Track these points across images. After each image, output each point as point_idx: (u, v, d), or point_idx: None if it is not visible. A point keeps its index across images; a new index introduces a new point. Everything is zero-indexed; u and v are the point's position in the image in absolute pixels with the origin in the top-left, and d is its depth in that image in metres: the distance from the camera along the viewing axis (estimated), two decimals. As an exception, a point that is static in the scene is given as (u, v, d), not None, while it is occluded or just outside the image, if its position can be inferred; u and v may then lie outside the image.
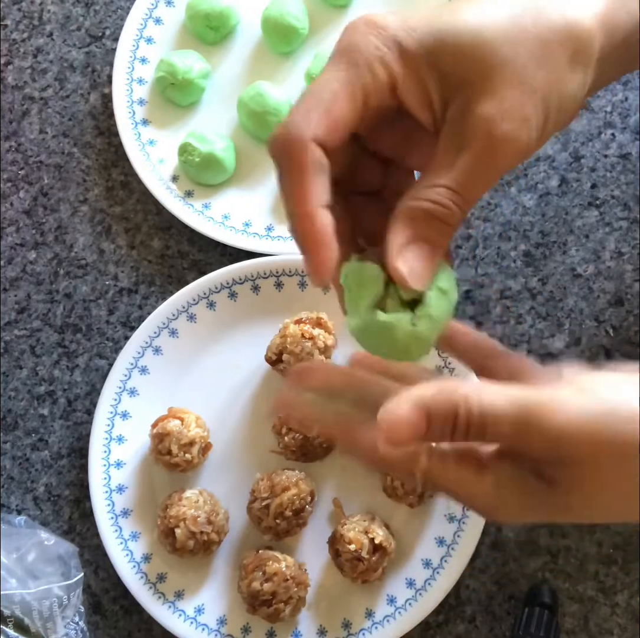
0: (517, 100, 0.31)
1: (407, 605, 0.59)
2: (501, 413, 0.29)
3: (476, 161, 0.31)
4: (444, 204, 0.31)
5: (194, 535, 0.58)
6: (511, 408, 0.29)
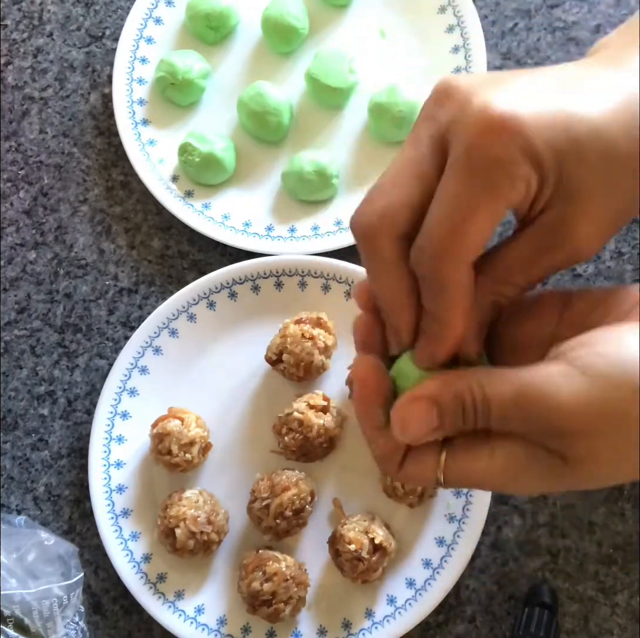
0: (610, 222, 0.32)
1: (407, 605, 0.59)
2: (502, 398, 0.30)
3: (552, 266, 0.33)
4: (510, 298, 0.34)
5: (194, 535, 0.58)
6: (511, 390, 0.30)
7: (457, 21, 0.67)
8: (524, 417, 0.30)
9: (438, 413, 0.32)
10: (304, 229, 0.66)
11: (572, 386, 0.29)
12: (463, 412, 0.31)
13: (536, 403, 0.29)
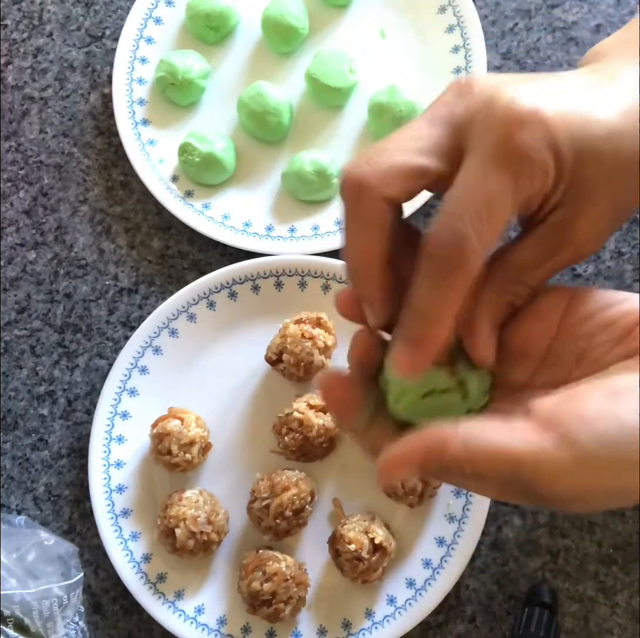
0: (609, 222, 0.33)
1: (407, 605, 0.59)
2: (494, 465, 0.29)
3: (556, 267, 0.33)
4: (524, 297, 0.33)
5: (194, 535, 0.58)
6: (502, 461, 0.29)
7: (457, 21, 0.67)
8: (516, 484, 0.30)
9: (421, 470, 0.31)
10: (304, 229, 0.66)
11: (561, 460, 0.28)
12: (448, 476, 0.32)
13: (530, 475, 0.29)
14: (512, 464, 0.29)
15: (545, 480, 0.29)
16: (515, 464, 0.29)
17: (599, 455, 0.28)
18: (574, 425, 0.28)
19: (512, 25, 0.68)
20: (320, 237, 0.65)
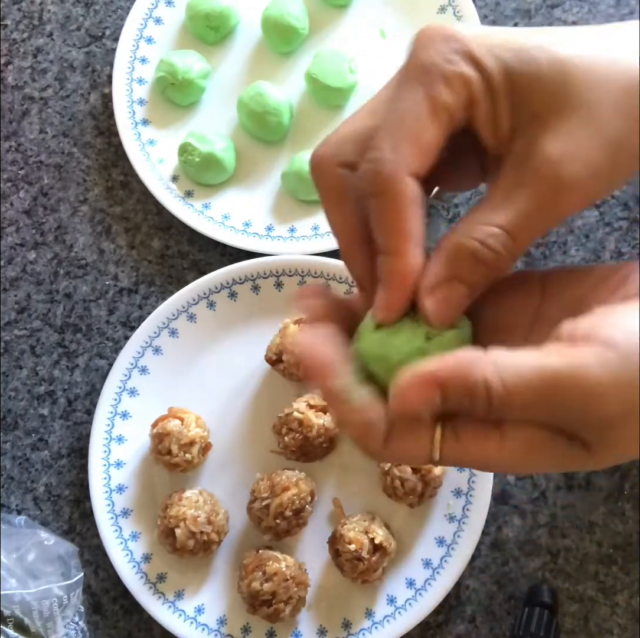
0: (588, 145, 0.29)
1: (407, 605, 0.59)
2: (528, 385, 0.27)
3: (537, 202, 0.29)
4: (492, 247, 0.29)
5: (194, 535, 0.58)
6: (538, 379, 0.27)
7: (457, 21, 0.67)
8: (554, 407, 0.27)
9: (442, 398, 0.28)
10: (304, 229, 0.66)
11: (608, 369, 0.26)
12: (472, 402, 0.27)
13: (571, 391, 0.26)
14: (552, 381, 0.26)
15: (595, 396, 0.26)
16: (556, 381, 0.26)
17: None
18: (620, 334, 0.26)
19: (512, 25, 0.68)
20: (320, 238, 0.65)
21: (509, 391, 0.27)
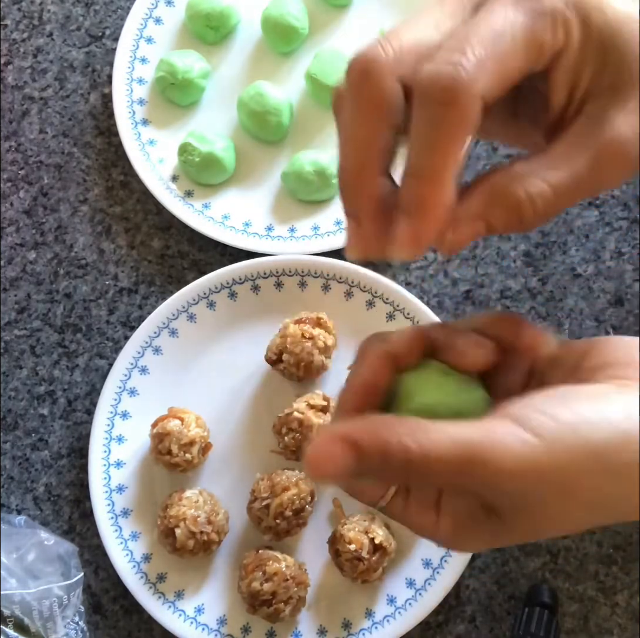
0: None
1: (407, 605, 0.59)
2: (444, 453, 0.26)
3: (595, 172, 0.28)
4: (537, 205, 0.28)
5: (194, 535, 0.58)
6: (454, 448, 0.26)
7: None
8: (468, 476, 0.27)
9: (358, 459, 0.27)
10: (304, 229, 0.66)
11: (523, 450, 0.26)
12: (388, 467, 0.27)
13: (484, 466, 0.26)
14: (466, 451, 0.26)
15: (503, 473, 0.26)
16: (469, 451, 0.26)
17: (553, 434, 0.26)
18: (546, 420, 0.26)
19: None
20: (320, 238, 0.65)
21: (425, 456, 0.26)
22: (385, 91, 0.27)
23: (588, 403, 0.27)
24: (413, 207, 0.27)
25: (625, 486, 0.27)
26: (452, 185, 0.27)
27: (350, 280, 0.63)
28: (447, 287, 0.65)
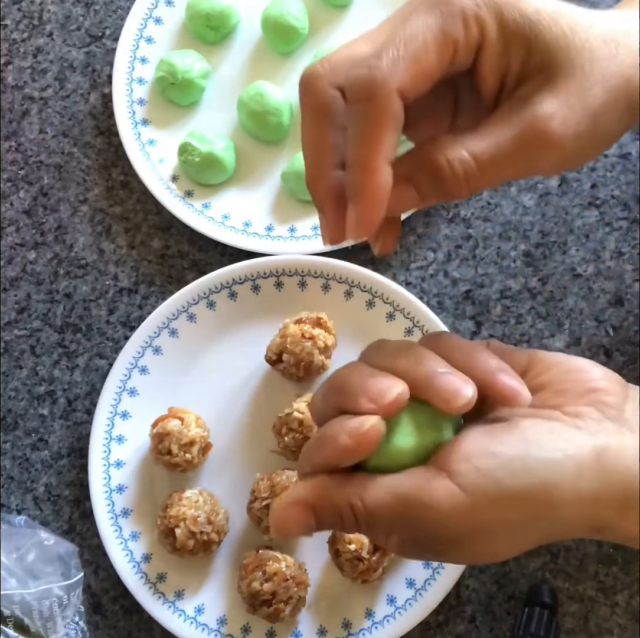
0: (576, 110, 0.30)
1: (407, 605, 0.59)
2: (383, 504, 0.31)
3: (517, 144, 0.30)
4: (456, 170, 0.30)
5: (194, 535, 0.58)
6: (391, 498, 0.31)
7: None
8: (405, 524, 0.31)
9: (315, 519, 0.32)
10: (304, 229, 0.66)
11: (450, 501, 0.30)
12: (342, 521, 0.32)
13: (416, 511, 0.30)
14: (401, 501, 0.30)
15: (435, 518, 0.30)
16: (404, 501, 0.30)
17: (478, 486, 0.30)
18: (456, 462, 0.30)
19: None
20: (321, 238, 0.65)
21: (368, 510, 0.31)
22: (322, 97, 0.32)
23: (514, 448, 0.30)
24: (353, 194, 0.31)
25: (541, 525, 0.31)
26: (386, 171, 0.30)
27: (350, 280, 0.63)
28: (447, 287, 0.65)
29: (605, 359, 0.63)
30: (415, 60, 0.30)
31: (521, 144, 0.30)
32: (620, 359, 0.63)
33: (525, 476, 0.29)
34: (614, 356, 0.63)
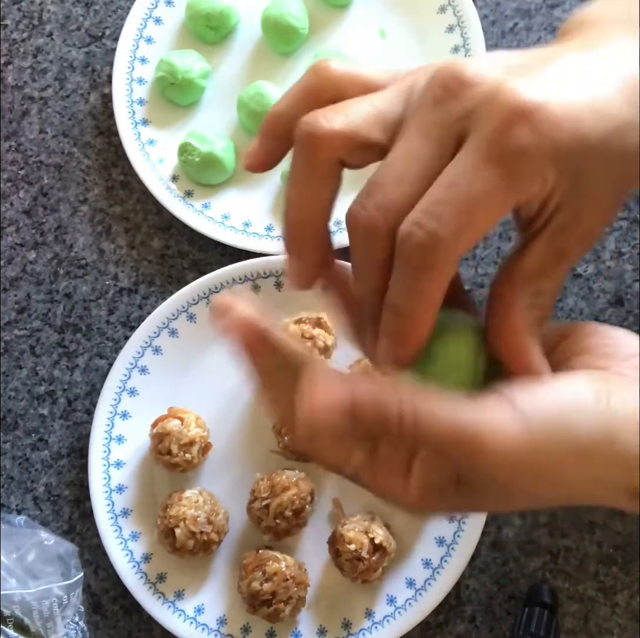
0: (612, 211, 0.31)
1: (407, 605, 0.59)
2: (437, 431, 0.27)
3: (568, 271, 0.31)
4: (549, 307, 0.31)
5: (194, 535, 0.58)
6: (448, 428, 0.27)
7: (457, 21, 0.67)
8: (455, 456, 0.28)
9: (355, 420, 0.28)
10: (304, 229, 0.66)
11: (512, 436, 0.27)
12: (384, 429, 0.27)
13: (477, 451, 0.27)
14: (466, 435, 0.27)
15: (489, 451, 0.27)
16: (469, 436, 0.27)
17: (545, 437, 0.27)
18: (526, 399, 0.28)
19: (512, 25, 0.68)
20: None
21: (419, 426, 0.27)
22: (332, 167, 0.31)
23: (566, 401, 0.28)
24: (393, 337, 0.30)
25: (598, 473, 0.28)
26: (431, 321, 0.30)
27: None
28: (447, 287, 0.65)
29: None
30: (480, 231, 0.28)
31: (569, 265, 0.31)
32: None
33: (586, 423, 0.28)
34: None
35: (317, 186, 0.32)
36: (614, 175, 0.30)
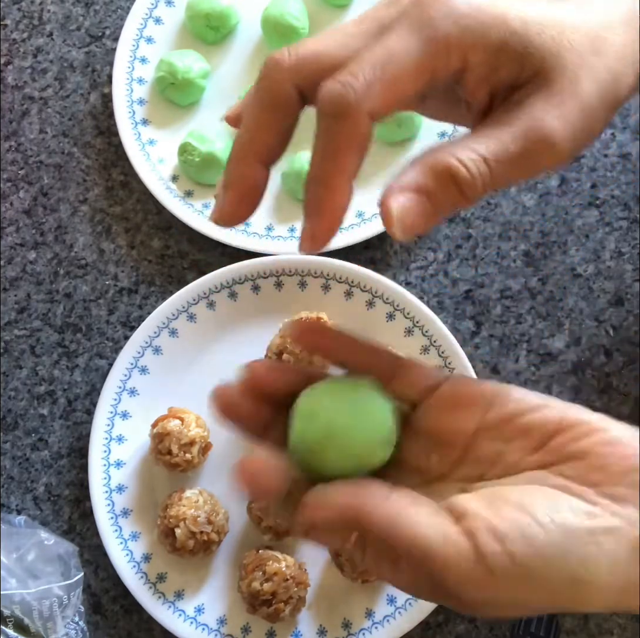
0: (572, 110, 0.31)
1: (407, 605, 0.59)
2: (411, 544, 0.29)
3: (520, 145, 0.30)
4: (470, 169, 0.30)
5: (194, 535, 0.58)
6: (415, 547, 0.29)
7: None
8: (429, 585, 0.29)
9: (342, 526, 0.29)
10: (304, 229, 0.66)
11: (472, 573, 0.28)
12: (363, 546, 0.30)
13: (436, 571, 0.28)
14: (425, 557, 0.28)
15: (452, 583, 0.28)
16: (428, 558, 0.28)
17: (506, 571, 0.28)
18: (486, 538, 0.28)
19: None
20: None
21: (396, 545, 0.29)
22: (279, 94, 0.31)
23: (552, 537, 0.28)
24: (312, 208, 0.31)
25: None
26: (347, 190, 0.30)
27: (350, 280, 0.63)
28: (447, 287, 0.65)
29: (605, 359, 0.63)
30: (391, 86, 0.29)
31: (525, 147, 0.30)
32: (620, 359, 0.63)
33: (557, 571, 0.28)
34: (614, 356, 0.63)
35: (268, 114, 0.32)
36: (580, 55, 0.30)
